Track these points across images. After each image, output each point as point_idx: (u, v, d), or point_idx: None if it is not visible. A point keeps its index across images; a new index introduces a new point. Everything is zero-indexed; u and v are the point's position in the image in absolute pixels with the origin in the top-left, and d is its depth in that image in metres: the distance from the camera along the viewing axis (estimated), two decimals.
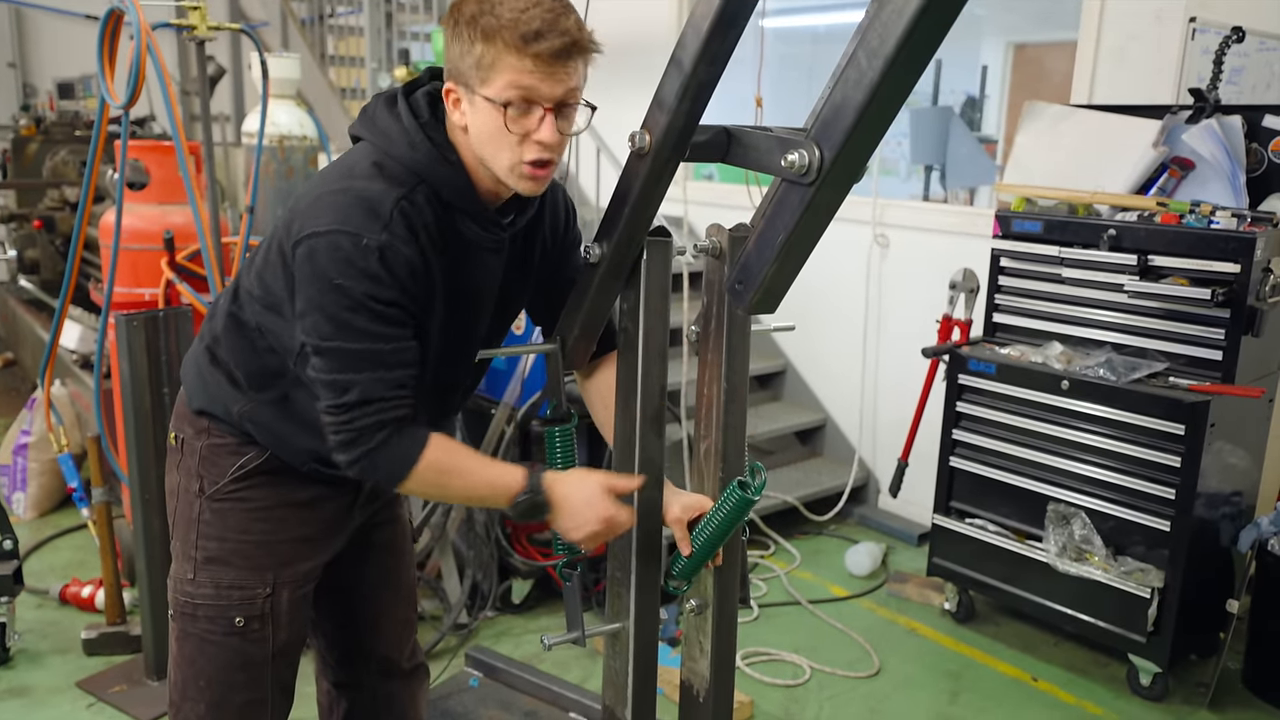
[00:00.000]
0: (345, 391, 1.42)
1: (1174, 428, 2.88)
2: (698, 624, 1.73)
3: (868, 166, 1.28)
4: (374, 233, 1.39)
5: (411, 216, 1.44)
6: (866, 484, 4.55)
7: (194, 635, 1.67)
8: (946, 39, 1.05)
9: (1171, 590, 2.93)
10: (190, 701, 1.69)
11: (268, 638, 1.67)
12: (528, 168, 1.44)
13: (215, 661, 1.67)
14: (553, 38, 1.36)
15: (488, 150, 1.45)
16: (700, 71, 1.28)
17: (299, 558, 1.69)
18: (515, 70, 1.37)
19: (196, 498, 1.67)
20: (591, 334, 1.71)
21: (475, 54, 1.38)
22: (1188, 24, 3.45)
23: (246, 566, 1.65)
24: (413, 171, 1.46)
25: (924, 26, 0.98)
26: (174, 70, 6.36)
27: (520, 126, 1.41)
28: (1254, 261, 2.83)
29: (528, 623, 3.40)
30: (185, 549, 1.68)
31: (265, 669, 1.69)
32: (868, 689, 3.12)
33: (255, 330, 1.59)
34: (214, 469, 1.66)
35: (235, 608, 1.65)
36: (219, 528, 1.66)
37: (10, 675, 3.04)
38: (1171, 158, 3.18)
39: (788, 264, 1.31)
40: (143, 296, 3.59)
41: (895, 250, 4.32)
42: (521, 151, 1.43)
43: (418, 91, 1.53)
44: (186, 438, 1.69)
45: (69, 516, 4.16)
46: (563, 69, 1.39)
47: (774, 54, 4.12)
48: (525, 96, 1.39)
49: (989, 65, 7.28)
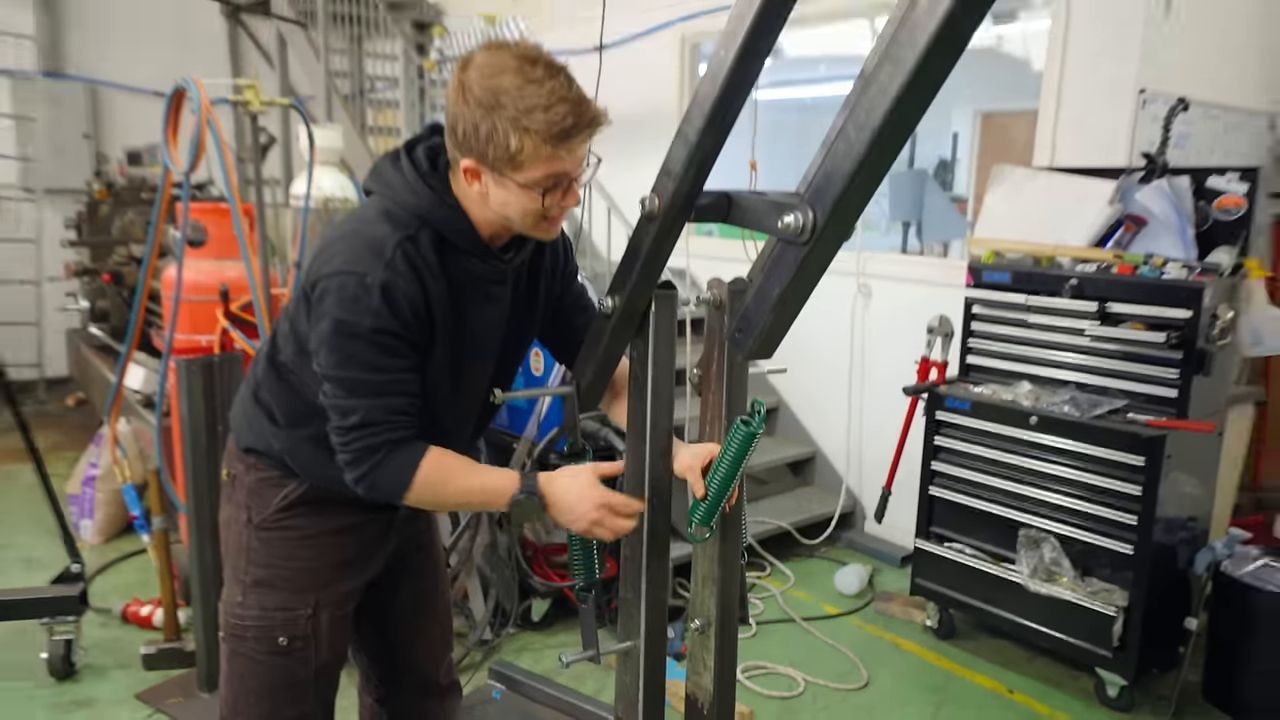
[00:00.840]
0: (348, 415, 1.43)
1: (1134, 459, 2.86)
2: (701, 641, 1.70)
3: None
4: (376, 271, 1.40)
5: (413, 255, 1.45)
6: (854, 510, 4.51)
7: (243, 655, 1.66)
8: None
9: (1135, 609, 2.89)
10: (239, 716, 1.68)
11: (310, 657, 1.66)
12: (546, 222, 1.48)
13: (262, 679, 1.65)
14: (581, 130, 1.38)
15: (512, 214, 1.46)
16: (704, 143, 1.29)
17: (338, 580, 1.68)
18: (550, 161, 1.38)
19: (245, 527, 1.67)
20: (604, 378, 1.71)
21: (507, 146, 1.37)
22: (1138, 95, 3.48)
23: (290, 589, 1.64)
24: (415, 215, 1.47)
25: (905, 105, 0.99)
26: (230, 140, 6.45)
27: (549, 199, 1.43)
28: (1203, 308, 2.83)
29: (546, 639, 3.36)
30: (235, 574, 1.68)
31: (309, 686, 1.67)
32: (858, 700, 3.08)
33: (290, 371, 1.60)
34: (260, 501, 1.65)
35: (280, 628, 1.64)
36: (265, 554, 1.65)
37: (76, 688, 3.01)
38: (1126, 214, 3.19)
39: (784, 315, 1.31)
40: (200, 343, 3.61)
41: (877, 298, 4.33)
42: (545, 211, 1.45)
43: (419, 146, 1.54)
44: (237, 474, 1.69)
45: (131, 542, 4.14)
46: (583, 147, 1.42)
47: (765, 122, 4.15)
48: (557, 175, 1.41)
49: (959, 132, 7.34)
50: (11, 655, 3.19)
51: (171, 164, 3.00)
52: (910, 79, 0.97)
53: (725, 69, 1.21)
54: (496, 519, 3.31)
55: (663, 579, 1.68)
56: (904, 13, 0.98)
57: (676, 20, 5.05)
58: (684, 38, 5.06)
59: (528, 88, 1.34)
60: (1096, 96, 3.58)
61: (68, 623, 3.05)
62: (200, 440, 2.86)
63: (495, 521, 3.32)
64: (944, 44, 0.95)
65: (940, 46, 0.95)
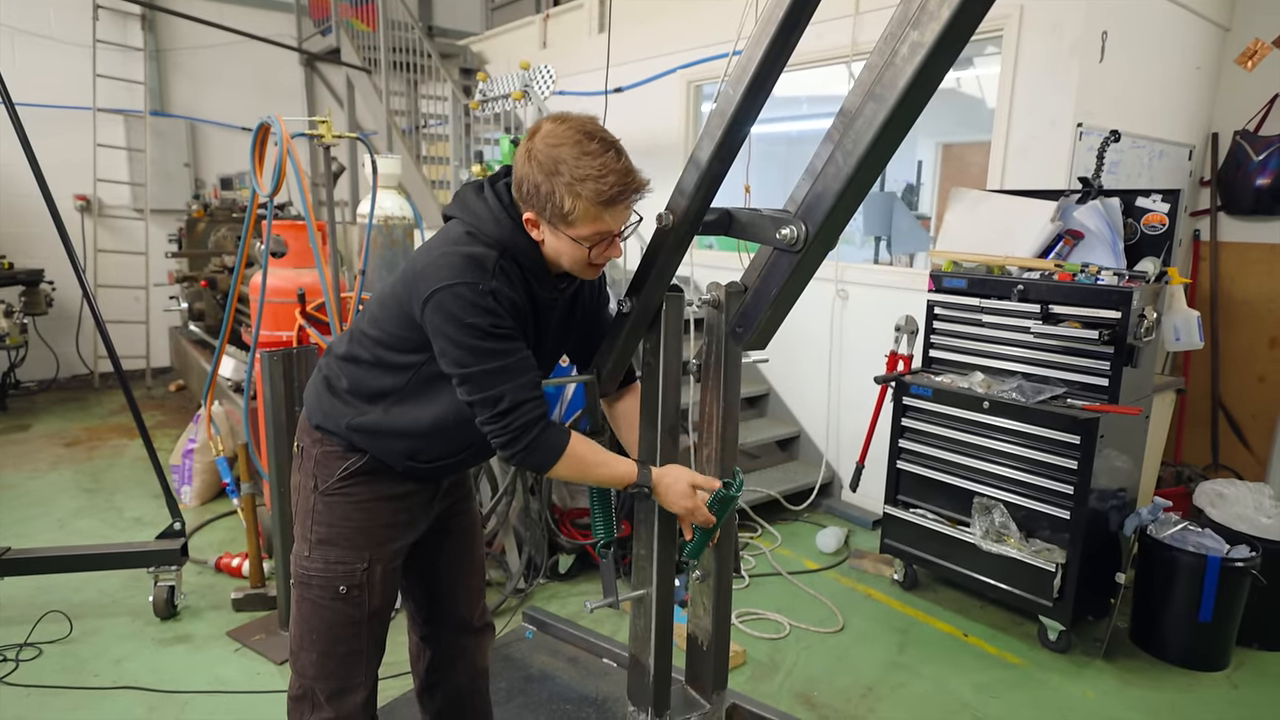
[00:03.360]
0: (498, 403, 1.42)
1: (1071, 438, 2.83)
2: (702, 589, 1.70)
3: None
4: (485, 280, 1.40)
5: (508, 271, 1.45)
6: (832, 481, 4.49)
7: (308, 600, 1.66)
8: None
9: (1072, 565, 2.86)
10: (305, 650, 1.68)
11: (364, 602, 1.66)
12: (592, 268, 1.49)
13: (325, 619, 1.65)
14: (626, 197, 1.38)
15: (564, 260, 1.48)
16: (713, 168, 1.28)
17: (389, 540, 1.68)
18: (597, 222, 1.39)
19: (312, 493, 1.66)
20: (621, 367, 1.70)
21: (561, 206, 1.37)
22: (1076, 128, 3.44)
23: (349, 546, 1.64)
24: (499, 241, 1.46)
25: (887, 135, 0.98)
26: (306, 168, 6.46)
27: (595, 251, 1.44)
28: (1132, 309, 2.80)
29: (571, 588, 3.36)
30: (303, 532, 1.68)
31: (362, 626, 1.67)
32: (834, 641, 3.06)
33: (369, 362, 1.59)
34: (325, 470, 1.65)
35: (339, 578, 1.64)
36: (328, 516, 1.65)
37: (178, 626, 3.03)
38: (1066, 230, 3.16)
39: (778, 312, 1.30)
40: (281, 337, 3.61)
41: (853, 301, 4.30)
42: (592, 260, 1.46)
43: (499, 182, 1.53)
44: (305, 446, 1.69)
45: (223, 505, 4.17)
46: (628, 210, 1.43)
47: (756, 152, 4.13)
48: (603, 236, 1.42)
49: (923, 159, 7.27)
50: (125, 598, 3.22)
51: (258, 188, 3.00)
52: (891, 114, 0.96)
53: (733, 104, 1.20)
54: (529, 486, 3.31)
55: (671, 536, 1.67)
56: (886, 59, 0.97)
57: (680, 66, 5.02)
58: (688, 81, 5.03)
59: (584, 159, 1.34)
60: (1039, 129, 3.54)
61: (170, 571, 3.06)
62: (281, 419, 2.87)
63: (528, 489, 3.31)
64: (919, 86, 0.94)
65: (916, 88, 0.94)
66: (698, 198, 1.31)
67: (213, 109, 7.19)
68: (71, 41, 6.44)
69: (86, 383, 6.73)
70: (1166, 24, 3.88)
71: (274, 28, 7.33)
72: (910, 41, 0.94)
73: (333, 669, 1.67)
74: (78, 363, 6.73)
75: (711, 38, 4.73)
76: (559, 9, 6.18)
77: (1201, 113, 4.33)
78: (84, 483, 4.49)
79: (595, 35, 5.78)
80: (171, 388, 6.60)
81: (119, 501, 4.23)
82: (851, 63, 4.14)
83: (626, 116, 4.76)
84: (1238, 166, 4.24)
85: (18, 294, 6.04)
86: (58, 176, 3.41)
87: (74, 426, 5.60)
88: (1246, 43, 4.23)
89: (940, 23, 0.91)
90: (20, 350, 6.18)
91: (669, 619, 1.72)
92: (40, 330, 6.44)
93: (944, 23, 0.91)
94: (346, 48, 6.73)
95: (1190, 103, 4.22)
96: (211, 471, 4.20)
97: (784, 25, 1.12)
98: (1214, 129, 4.39)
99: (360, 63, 6.60)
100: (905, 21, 0.94)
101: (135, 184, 6.81)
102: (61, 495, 4.31)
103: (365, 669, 1.70)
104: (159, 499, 4.11)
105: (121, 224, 6.84)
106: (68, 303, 6.43)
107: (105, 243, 6.73)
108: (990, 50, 4.06)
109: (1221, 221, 4.38)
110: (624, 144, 1.40)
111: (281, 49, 7.20)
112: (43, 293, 6.09)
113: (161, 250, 6.68)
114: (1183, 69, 4.10)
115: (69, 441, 5.26)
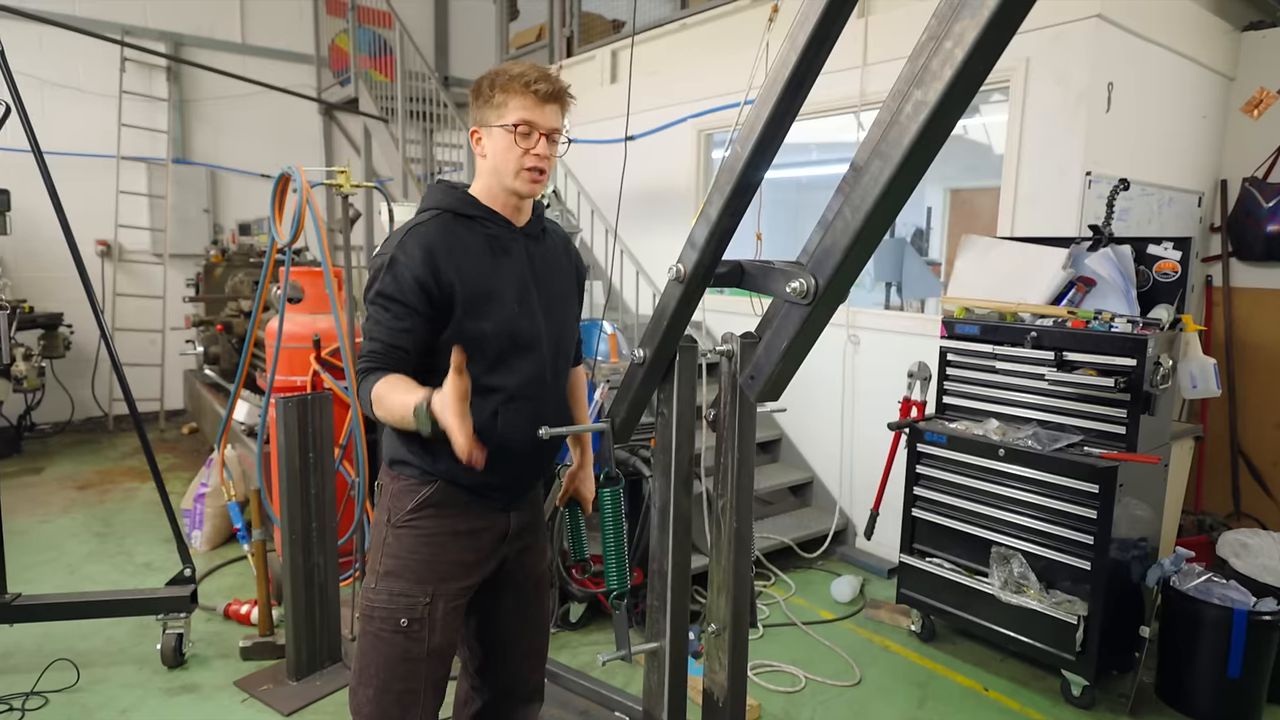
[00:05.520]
0: (362, 351, 1.59)
1: (1090, 487, 2.80)
2: (717, 643, 1.68)
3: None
4: (386, 252, 1.60)
5: (419, 235, 1.59)
6: (846, 528, 4.44)
7: (370, 633, 1.68)
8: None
9: (1094, 618, 2.81)
10: (363, 686, 1.69)
11: (425, 638, 1.66)
12: (527, 173, 1.63)
13: (384, 653, 1.66)
14: (544, 84, 1.60)
15: (501, 163, 1.63)
16: (723, 222, 1.31)
17: (453, 577, 1.69)
18: (520, 107, 1.60)
19: (384, 526, 1.71)
20: (636, 415, 1.71)
21: (495, 102, 1.61)
22: (1085, 176, 3.48)
23: (413, 579, 1.66)
24: (436, 205, 1.66)
25: (893, 192, 1.00)
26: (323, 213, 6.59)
27: (524, 144, 1.61)
28: (1147, 356, 2.79)
29: (582, 638, 3.32)
30: (373, 565, 1.71)
31: (420, 664, 1.66)
32: (851, 695, 3.00)
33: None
34: (399, 504, 1.69)
35: (401, 611, 1.65)
36: (396, 548, 1.68)
37: (185, 675, 3.01)
38: (1077, 277, 3.17)
39: (790, 364, 1.31)
40: (295, 382, 3.65)
41: (865, 347, 4.31)
42: (523, 162, 1.62)
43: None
44: (384, 484, 1.74)
45: (233, 550, 4.16)
46: (550, 108, 1.62)
47: (768, 198, 4.19)
48: (527, 122, 1.60)
49: (933, 206, 7.35)
50: (133, 645, 3.20)
51: (277, 235, 3.06)
52: (897, 171, 0.99)
53: (742, 161, 1.23)
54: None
55: (685, 588, 1.66)
56: (891, 115, 0.99)
57: (691, 116, 5.12)
58: (698, 130, 5.13)
59: (515, 67, 1.63)
60: (1049, 177, 3.58)
61: (180, 618, 3.06)
62: (294, 465, 2.87)
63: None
64: (923, 144, 0.97)
65: (921, 145, 0.97)
66: (708, 251, 1.34)
67: (232, 156, 7.38)
68: (99, 92, 6.65)
69: (100, 425, 6.79)
70: (1171, 75, 3.94)
71: (294, 78, 7.55)
72: (914, 100, 0.97)
73: (388, 707, 1.67)
74: (92, 405, 6.80)
75: (721, 88, 4.84)
76: (571, 60, 6.35)
77: (1209, 160, 4.37)
78: (95, 526, 4.51)
79: (608, 85, 5.92)
80: (184, 430, 6.64)
81: (129, 545, 4.24)
82: (860, 112, 4.22)
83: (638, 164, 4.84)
84: (1248, 213, 4.27)
85: (36, 337, 6.14)
86: (80, 222, 3.49)
87: (87, 469, 5.63)
88: (1251, 92, 4.29)
89: (943, 82, 0.94)
90: (37, 393, 6.25)
91: (683, 673, 1.70)
92: (57, 373, 6.52)
93: (946, 83, 0.93)
94: (364, 98, 6.91)
95: (1198, 151, 4.27)
96: (223, 516, 4.21)
97: (790, 84, 1.16)
98: (1222, 176, 4.42)
99: (378, 112, 6.77)
100: (910, 80, 0.97)
101: (155, 229, 6.95)
102: (72, 540, 4.32)
103: (421, 712, 1.69)
104: (170, 543, 4.11)
105: (140, 268, 6.97)
106: (85, 346, 6.52)
107: (124, 287, 6.85)
108: (997, 98, 4.14)
109: (1234, 267, 4.39)
110: (635, 190, 1.50)
111: (301, 99, 7.41)
112: (61, 336, 6.19)
113: (179, 294, 6.80)
114: (1189, 118, 4.15)
115: (81, 484, 5.29)
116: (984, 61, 0.91)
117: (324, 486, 2.94)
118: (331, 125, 7.95)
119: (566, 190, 5.83)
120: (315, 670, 2.99)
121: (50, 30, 6.13)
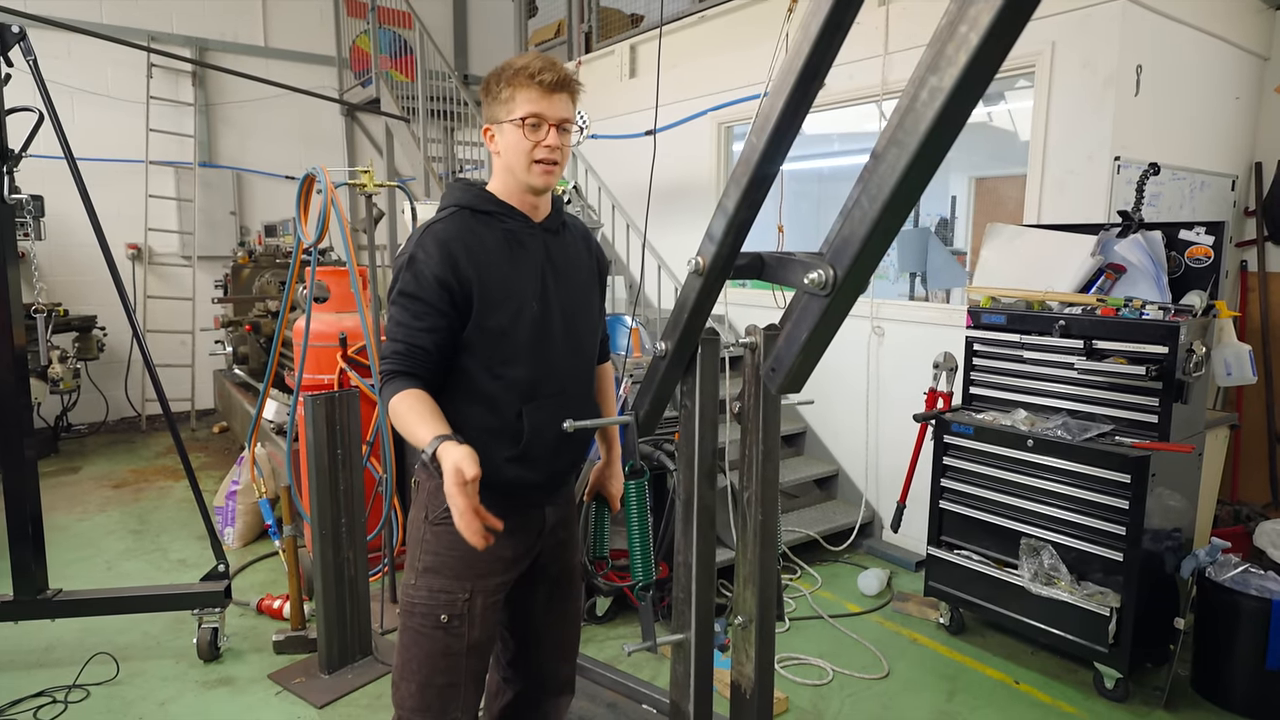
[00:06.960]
0: (386, 350, 1.61)
1: (1122, 477, 2.77)
2: (744, 635, 1.68)
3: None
4: (408, 251, 1.61)
5: (437, 233, 1.60)
6: (872, 521, 4.43)
7: (410, 628, 1.70)
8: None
9: (1127, 609, 2.78)
10: (405, 681, 1.71)
11: (464, 634, 1.68)
12: (538, 165, 1.61)
13: (425, 648, 1.69)
14: (548, 74, 1.58)
15: (514, 159, 1.62)
16: (740, 214, 1.31)
17: (491, 573, 1.72)
18: (527, 100, 1.58)
19: (423, 523, 1.73)
20: (660, 409, 1.72)
21: (503, 98, 1.60)
22: (1113, 161, 3.42)
23: (451, 576, 1.68)
24: (454, 203, 1.67)
25: (910, 180, 1.00)
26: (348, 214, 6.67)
27: (533, 136, 1.59)
28: (1179, 344, 2.75)
29: (608, 631, 3.35)
30: (412, 561, 1.73)
31: (461, 659, 1.69)
32: (880, 688, 3.00)
33: (447, 390, 1.68)
34: (435, 501, 1.71)
35: (442, 607, 1.67)
36: (434, 545, 1.70)
37: (220, 668, 3.08)
38: (1107, 264, 3.13)
39: (810, 356, 1.31)
40: (323, 381, 3.71)
41: (889, 338, 4.28)
42: (534, 154, 1.61)
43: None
44: (421, 481, 1.76)
45: (265, 546, 4.24)
46: (558, 98, 1.60)
47: (789, 190, 4.17)
48: (535, 114, 1.58)
49: (957, 194, 7.26)
50: (169, 640, 3.28)
51: (303, 236, 3.11)
52: (913, 159, 0.98)
53: (757, 154, 1.23)
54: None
55: (710, 581, 1.67)
56: (908, 102, 0.99)
57: (711, 109, 5.11)
58: (718, 123, 5.12)
59: (519, 60, 1.61)
60: (1076, 163, 3.53)
61: (214, 613, 3.13)
62: (323, 461, 2.92)
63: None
64: (941, 130, 0.96)
65: (938, 132, 0.96)
66: (727, 243, 1.34)
67: (257, 159, 7.49)
68: (127, 99, 6.79)
69: (134, 425, 6.95)
70: (1202, 56, 3.86)
71: (316, 80, 7.64)
72: (930, 86, 0.96)
73: (430, 700, 1.69)
74: (126, 405, 6.95)
75: (741, 80, 4.83)
76: (590, 56, 6.36)
77: (1243, 143, 4.28)
78: (131, 524, 4.62)
79: (627, 80, 5.92)
80: (215, 429, 6.77)
81: (164, 542, 4.34)
82: (882, 101, 4.19)
83: (659, 157, 4.85)
84: None
85: (71, 340, 6.29)
86: (112, 226, 3.57)
87: (122, 468, 5.77)
88: None
89: (958, 68, 0.93)
90: (73, 395, 6.41)
91: (709, 664, 1.71)
92: (91, 374, 6.68)
93: (961, 68, 0.93)
94: (386, 98, 6.98)
95: (1231, 133, 4.18)
96: (254, 513, 4.28)
97: (804, 74, 1.15)
98: (1257, 158, 4.33)
99: (399, 112, 6.84)
100: (927, 66, 0.97)
101: (184, 232, 7.09)
102: (109, 537, 4.43)
103: (462, 705, 1.72)
104: (203, 540, 4.20)
105: (170, 271, 7.11)
106: (118, 347, 6.67)
107: (154, 289, 6.99)
108: (1022, 84, 4.08)
109: (1270, 252, 4.30)
110: (657, 184, 1.50)
111: (323, 100, 7.50)
112: (95, 338, 6.33)
113: (207, 296, 6.92)
114: (1221, 99, 4.07)
115: (117, 483, 5.42)
116: (1000, 44, 0.90)
117: (352, 482, 2.99)
118: (354, 126, 8.04)
119: (587, 186, 5.84)
120: (346, 664, 3.04)
121: (78, 39, 6.26)
